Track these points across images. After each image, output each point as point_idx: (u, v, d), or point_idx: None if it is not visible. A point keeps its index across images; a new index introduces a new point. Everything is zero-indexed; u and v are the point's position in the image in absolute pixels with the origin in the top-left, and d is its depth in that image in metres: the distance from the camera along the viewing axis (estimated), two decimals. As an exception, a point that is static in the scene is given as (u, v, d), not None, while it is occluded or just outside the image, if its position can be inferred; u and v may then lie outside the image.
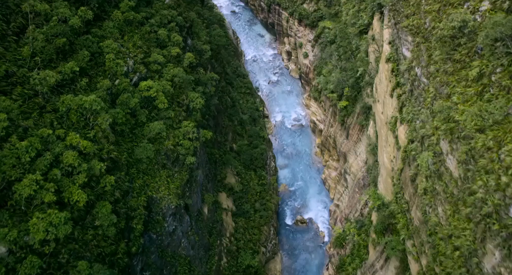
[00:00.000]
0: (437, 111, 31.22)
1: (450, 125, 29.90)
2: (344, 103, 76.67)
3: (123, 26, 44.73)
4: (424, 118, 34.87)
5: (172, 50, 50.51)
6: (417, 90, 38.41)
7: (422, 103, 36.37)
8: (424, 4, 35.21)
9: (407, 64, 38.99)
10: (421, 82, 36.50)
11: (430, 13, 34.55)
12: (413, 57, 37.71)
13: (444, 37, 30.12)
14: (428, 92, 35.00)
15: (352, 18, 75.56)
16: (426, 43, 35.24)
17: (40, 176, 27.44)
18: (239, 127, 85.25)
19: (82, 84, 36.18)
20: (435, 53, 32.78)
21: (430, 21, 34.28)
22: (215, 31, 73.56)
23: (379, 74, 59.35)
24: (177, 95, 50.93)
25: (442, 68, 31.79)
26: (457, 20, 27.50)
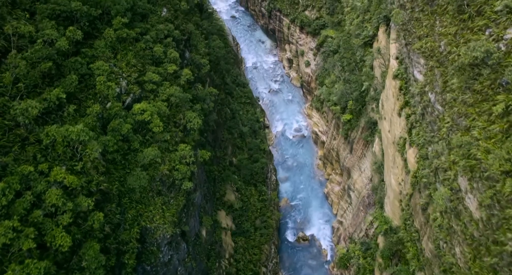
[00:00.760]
0: (455, 145, 28.55)
1: (470, 162, 27.23)
2: (348, 117, 74.03)
3: (116, 44, 42.06)
4: (440, 149, 32.19)
5: (169, 67, 47.83)
6: (429, 116, 35.74)
7: (436, 132, 33.69)
8: (439, 26, 32.54)
9: (419, 88, 36.33)
10: (435, 109, 33.83)
11: (445, 36, 31.88)
12: (426, 82, 35.04)
13: (464, 66, 27.45)
14: (443, 121, 32.33)
15: (356, 29, 72.92)
16: (441, 68, 32.58)
17: (17, 222, 24.75)
18: (239, 140, 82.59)
19: (69, 111, 33.48)
20: (452, 80, 30.11)
21: (446, 45, 31.62)
22: (214, 42, 70.93)
23: (386, 91, 56.72)
24: (174, 114, 48.26)
25: (460, 98, 29.12)
26: (480, 50, 24.83)
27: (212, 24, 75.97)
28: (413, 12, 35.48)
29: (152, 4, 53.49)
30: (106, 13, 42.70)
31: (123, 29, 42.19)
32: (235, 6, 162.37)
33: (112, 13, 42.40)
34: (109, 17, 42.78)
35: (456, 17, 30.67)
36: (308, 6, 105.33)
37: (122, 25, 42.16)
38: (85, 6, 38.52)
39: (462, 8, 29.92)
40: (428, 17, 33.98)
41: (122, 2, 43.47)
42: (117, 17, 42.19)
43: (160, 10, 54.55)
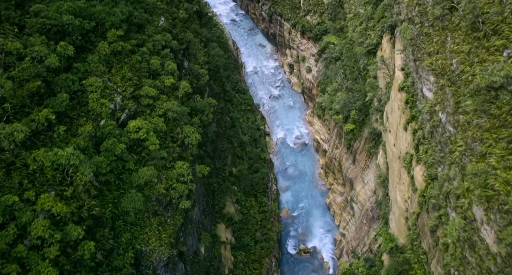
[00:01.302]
0: (470, 172, 26.68)
1: (487, 192, 25.37)
2: (351, 127, 72.14)
3: (111, 57, 40.21)
4: (452, 174, 30.30)
5: (166, 80, 45.98)
6: (440, 136, 33.87)
7: (448, 154, 31.81)
8: (450, 42, 30.69)
9: (429, 106, 34.47)
10: (446, 130, 31.97)
11: (457, 54, 30.02)
12: (436, 100, 33.18)
13: (480, 89, 25.61)
14: (455, 144, 30.47)
15: (359, 37, 71.04)
16: (453, 87, 30.73)
17: (-1, 260, 22.92)
18: (239, 149, 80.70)
19: (59, 132, 31.61)
20: (466, 102, 28.25)
21: (458, 64, 29.77)
22: (213, 50, 69.08)
23: (391, 102, 54.89)
24: (171, 129, 46.40)
25: (475, 121, 27.26)
26: (499, 74, 22.99)
27: (211, 31, 74.11)
28: (423, 27, 33.66)
29: (149, 14, 51.67)
30: (100, 24, 40.84)
31: (118, 42, 40.34)
32: (235, 9, 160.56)
33: (106, 25, 40.55)
34: (103, 29, 40.92)
35: (470, 34, 28.84)
36: (310, 11, 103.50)
37: (117, 38, 40.30)
38: (78, 19, 36.68)
39: (476, 26, 28.09)
40: (439, 33, 32.14)
41: (117, 14, 41.62)
42: (112, 29, 40.31)
43: (157, 19, 52.73)
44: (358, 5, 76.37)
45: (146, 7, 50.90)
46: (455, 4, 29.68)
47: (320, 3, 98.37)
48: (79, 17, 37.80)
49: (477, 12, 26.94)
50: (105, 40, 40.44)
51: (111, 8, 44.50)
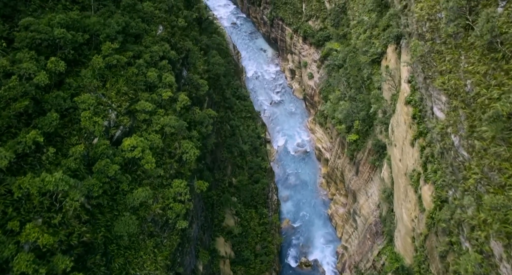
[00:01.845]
0: (488, 205, 24.82)
1: (507, 228, 23.51)
2: (354, 137, 70.26)
3: (105, 71, 38.32)
4: (466, 202, 28.41)
5: (164, 93, 44.10)
6: (451, 159, 31.98)
7: (461, 180, 29.91)
8: (464, 62, 28.81)
9: (440, 127, 32.56)
10: (460, 155, 30.08)
11: (472, 74, 28.15)
12: (448, 122, 31.28)
13: (499, 116, 23.73)
14: (470, 170, 28.58)
15: (363, 45, 69.19)
16: (467, 110, 28.85)
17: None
18: (239, 159, 78.82)
19: (48, 154, 29.72)
20: (482, 128, 26.37)
21: (473, 85, 27.89)
22: (213, 58, 67.19)
23: (396, 116, 53.01)
24: (168, 144, 44.53)
25: (493, 149, 25.39)
26: (523, 103, 21.13)
27: (211, 38, 72.22)
28: (434, 44, 31.80)
29: (147, 23, 49.79)
30: (94, 36, 38.96)
31: (113, 55, 38.41)
32: (236, 12, 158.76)
33: (101, 38, 38.65)
34: (98, 41, 39.03)
35: (487, 55, 26.97)
36: (312, 16, 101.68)
37: (112, 51, 38.40)
38: (70, 33, 34.77)
39: (494, 46, 26.22)
40: (452, 51, 30.27)
41: (113, 25, 39.74)
42: (107, 42, 38.40)
43: (155, 29, 50.86)
44: (362, 12, 74.55)
45: (143, 16, 49.03)
46: (471, 22, 27.81)
47: (322, 9, 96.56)
48: (72, 30, 35.88)
49: (495, 32, 25.07)
50: (99, 53, 38.55)
51: (107, 18, 42.68)
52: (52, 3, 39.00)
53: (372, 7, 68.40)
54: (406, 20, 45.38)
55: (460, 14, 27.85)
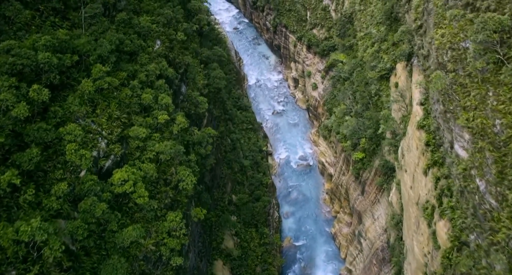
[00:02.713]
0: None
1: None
2: (360, 155, 67.16)
3: (95, 95, 35.28)
4: (494, 259, 25.31)
5: (160, 116, 41.05)
6: (475, 204, 28.88)
7: (488, 231, 26.80)
8: (493, 99, 25.72)
9: (462, 168, 29.44)
10: (486, 201, 26.98)
11: (503, 114, 25.07)
12: (472, 163, 28.16)
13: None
14: (499, 222, 25.48)
15: (371, 59, 66.08)
16: (496, 153, 25.75)
17: None
18: (240, 175, 75.77)
19: (26, 197, 26.68)
20: (515, 177, 23.25)
21: (504, 127, 24.80)
22: (214, 72, 64.11)
23: (407, 139, 49.87)
24: (164, 170, 41.49)
25: (529, 204, 22.29)
26: None
27: (212, 50, 69.13)
28: (457, 76, 28.71)
29: (143, 38, 46.76)
30: (84, 57, 35.93)
31: (104, 79, 35.35)
32: (238, 17, 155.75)
33: (91, 59, 35.61)
34: (88, 63, 35.99)
35: (521, 94, 23.88)
36: (317, 25, 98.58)
37: (103, 74, 35.33)
38: (57, 56, 31.71)
39: (530, 86, 23.14)
40: (478, 86, 27.17)
41: (105, 45, 36.68)
42: (97, 64, 35.33)
43: (152, 44, 47.82)
44: (370, 24, 71.45)
45: (140, 31, 45.98)
46: (502, 56, 24.70)
47: (328, 18, 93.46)
48: (59, 52, 32.83)
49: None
50: (89, 76, 35.50)
51: (100, 34, 39.66)
52: (39, 20, 36.00)
53: (381, 20, 65.30)
54: (421, 41, 42.28)
55: (490, 47, 24.80)
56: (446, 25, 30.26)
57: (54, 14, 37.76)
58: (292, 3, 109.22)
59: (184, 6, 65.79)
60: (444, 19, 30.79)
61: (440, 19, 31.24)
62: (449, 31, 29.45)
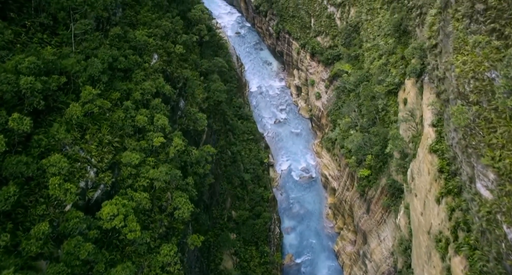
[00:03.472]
0: None
1: None
2: (365, 173, 64.34)
3: (84, 120, 32.58)
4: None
5: (155, 139, 38.34)
6: (501, 251, 26.12)
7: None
8: (524, 139, 22.92)
9: (486, 210, 26.65)
10: (513, 251, 24.21)
11: (536, 157, 22.24)
12: (498, 207, 25.38)
13: None
14: (529, 278, 22.76)
15: (378, 72, 63.31)
16: (526, 200, 22.93)
17: None
18: (240, 189, 73.06)
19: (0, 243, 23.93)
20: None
21: (537, 172, 21.98)
22: (214, 84, 61.37)
23: (418, 162, 47.07)
24: (159, 196, 38.80)
25: None
26: None
27: (213, 61, 66.44)
28: (481, 109, 25.96)
29: (139, 53, 44.08)
30: (73, 78, 33.21)
31: (94, 102, 32.63)
32: (241, 21, 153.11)
33: (79, 81, 32.90)
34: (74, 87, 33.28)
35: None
36: (321, 33, 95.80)
37: (94, 96, 32.61)
38: (41, 79, 28.98)
39: None
40: (506, 122, 24.38)
41: (96, 65, 33.96)
42: (87, 87, 32.58)
43: (149, 59, 45.12)
44: (377, 35, 68.68)
45: (135, 46, 43.30)
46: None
47: (333, 26, 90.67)
48: (45, 75, 30.09)
49: None
50: (78, 99, 32.79)
51: (92, 50, 36.96)
52: (25, 37, 33.31)
53: (389, 31, 62.51)
54: (435, 61, 39.53)
55: (523, 83, 22.06)
56: (468, 52, 27.54)
57: (42, 30, 35.09)
58: (295, 9, 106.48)
59: (184, 15, 63.19)
60: (466, 44, 28.06)
61: (461, 44, 28.52)
62: (472, 59, 26.71)
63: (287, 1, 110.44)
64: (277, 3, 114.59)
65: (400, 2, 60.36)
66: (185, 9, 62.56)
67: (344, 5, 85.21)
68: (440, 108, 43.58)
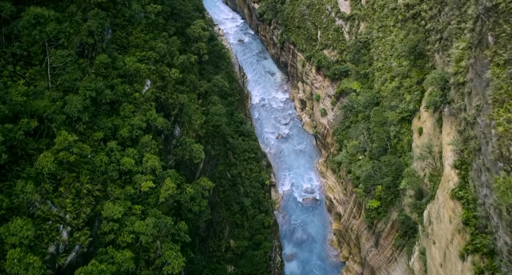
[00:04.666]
0: None
1: None
2: (375, 204, 59.65)
3: (58, 169, 28.06)
4: None
5: (143, 184, 33.83)
6: None
7: None
8: None
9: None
10: None
11: None
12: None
13: None
14: None
15: (391, 97, 58.64)
16: None
17: None
18: (239, 215, 68.46)
19: None
20: None
21: None
22: (214, 108, 56.72)
23: (437, 205, 42.40)
24: (146, 247, 34.22)
25: None
26: None
27: (213, 81, 61.82)
28: None
29: (129, 81, 39.53)
30: (47, 120, 28.68)
31: (71, 149, 28.09)
32: (244, 28, 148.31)
33: (54, 125, 28.36)
34: (48, 130, 28.74)
35: None
36: (328, 46, 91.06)
37: (71, 143, 28.05)
38: (4, 128, 24.47)
39: None
40: None
41: (75, 104, 29.41)
42: (62, 132, 28.01)
43: (140, 87, 40.57)
44: (390, 55, 63.95)
45: (124, 74, 38.75)
46: None
47: (341, 39, 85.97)
48: (10, 121, 25.57)
49: None
50: (52, 144, 28.25)
51: (73, 82, 32.40)
52: (-7, 72, 28.82)
53: (403, 53, 57.84)
54: (462, 101, 34.87)
55: None
56: (514, 108, 22.97)
57: (14, 61, 30.57)
58: (301, 20, 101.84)
59: (183, 30, 58.67)
60: (511, 98, 23.49)
61: (504, 96, 23.94)
62: (519, 118, 22.17)
63: (293, 11, 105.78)
64: (282, 12, 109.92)
65: (416, 22, 55.69)
66: (184, 24, 58.01)
67: (353, 19, 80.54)
68: (463, 148, 39.03)
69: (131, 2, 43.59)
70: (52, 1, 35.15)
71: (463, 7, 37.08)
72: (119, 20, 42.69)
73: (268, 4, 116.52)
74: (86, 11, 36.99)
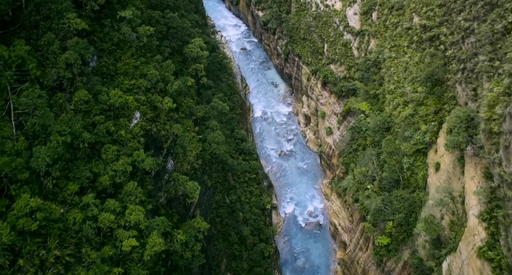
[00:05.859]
0: None
1: None
2: (385, 241, 54.93)
3: (16, 239, 23.48)
4: None
5: (125, 242, 29.23)
6: None
7: None
8: None
9: None
10: None
11: None
12: None
13: None
14: None
15: (404, 126, 53.87)
16: None
17: None
18: (237, 245, 63.82)
19: None
20: None
21: None
22: (211, 135, 52.12)
23: (460, 260, 37.75)
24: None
25: None
26: None
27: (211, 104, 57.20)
28: None
29: (114, 116, 34.97)
30: (6, 179, 24.10)
31: (34, 214, 23.50)
32: (247, 35, 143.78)
33: (12, 189, 23.75)
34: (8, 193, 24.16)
35: None
36: (335, 61, 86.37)
37: (33, 208, 23.46)
38: None
39: None
40: None
41: (42, 157, 24.83)
42: (23, 195, 23.42)
43: (127, 123, 35.98)
44: (404, 78, 59.16)
45: (109, 108, 34.20)
46: None
47: (349, 55, 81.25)
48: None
49: None
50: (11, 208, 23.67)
51: (44, 128, 27.83)
52: None
53: (419, 78, 53.09)
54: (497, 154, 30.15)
55: None
56: None
57: (-27, 105, 26.00)
58: (307, 31, 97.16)
59: (180, 49, 54.11)
60: None
61: None
62: None
63: (298, 21, 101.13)
64: (287, 23, 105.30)
65: (434, 46, 50.93)
66: (181, 43, 53.47)
67: (363, 34, 75.83)
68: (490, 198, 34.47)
69: (120, 24, 39.02)
70: (25, 29, 30.66)
71: (496, 42, 32.35)
72: (106, 45, 38.14)
73: (273, 13, 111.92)
74: (66, 39, 32.48)
